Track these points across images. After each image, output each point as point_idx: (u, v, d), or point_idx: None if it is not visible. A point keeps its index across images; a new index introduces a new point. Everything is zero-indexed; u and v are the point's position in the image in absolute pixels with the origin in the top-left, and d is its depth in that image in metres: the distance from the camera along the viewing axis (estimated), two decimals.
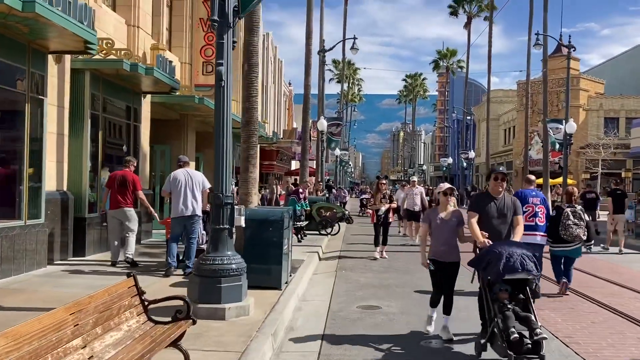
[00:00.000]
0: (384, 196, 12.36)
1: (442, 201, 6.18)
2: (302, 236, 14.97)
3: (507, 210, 5.82)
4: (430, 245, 6.18)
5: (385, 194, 12.48)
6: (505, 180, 5.89)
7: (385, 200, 12.25)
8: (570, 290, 8.60)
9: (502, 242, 5.51)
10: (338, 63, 71.89)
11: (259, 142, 28.28)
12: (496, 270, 5.12)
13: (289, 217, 8.49)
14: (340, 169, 52.93)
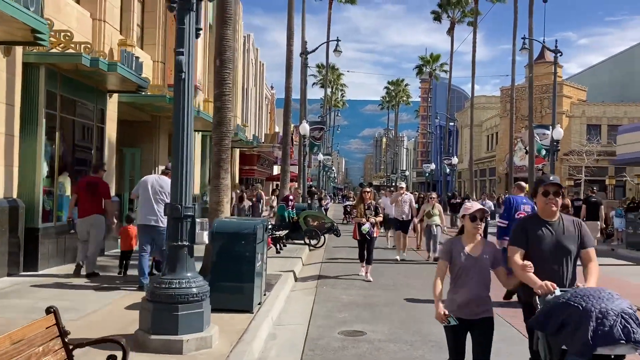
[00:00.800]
0: (369, 207, 10.39)
1: (468, 229, 4.08)
2: (281, 247, 14.03)
3: (570, 241, 3.93)
4: (450, 292, 4.13)
5: (370, 204, 10.45)
6: (560, 195, 3.98)
7: (370, 213, 10.33)
8: None
9: (582, 291, 3.49)
10: (322, 67, 71.29)
11: (238, 146, 27.38)
12: (582, 338, 3.22)
13: (264, 229, 7.57)
14: (323, 174, 52.07)
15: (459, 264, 4.01)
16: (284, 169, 18.38)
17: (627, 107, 46.95)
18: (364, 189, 11.03)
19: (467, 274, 3.99)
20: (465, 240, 4.09)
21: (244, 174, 30.37)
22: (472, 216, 4.04)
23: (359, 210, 10.44)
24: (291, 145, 32.00)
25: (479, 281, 3.98)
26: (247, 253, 6.99)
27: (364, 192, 10.79)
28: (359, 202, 10.70)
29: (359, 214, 10.41)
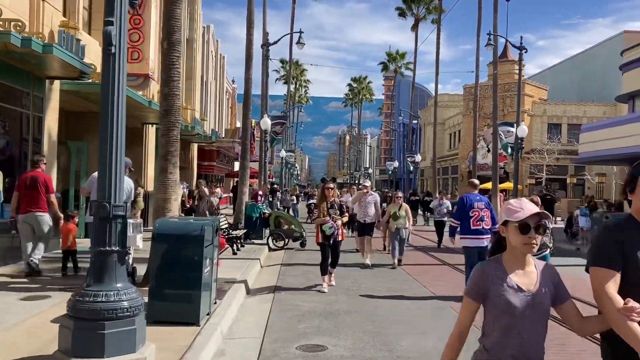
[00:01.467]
0: (332, 205, 9.06)
1: (516, 246, 2.47)
2: (239, 248, 13.17)
3: None
4: (484, 343, 2.49)
5: (333, 202, 9.13)
6: None
7: (334, 212, 9.03)
8: None
9: None
10: (285, 63, 70.38)
11: (197, 141, 26.23)
12: None
13: (214, 230, 6.73)
14: (285, 171, 51.18)
15: (503, 304, 2.38)
16: (243, 165, 17.48)
17: (586, 107, 47.67)
18: (326, 185, 9.39)
19: (517, 320, 2.38)
20: (509, 265, 2.47)
21: (202, 169, 29.28)
22: (522, 225, 2.41)
23: (321, 209, 9.01)
24: (252, 140, 31.06)
25: (536, 331, 2.42)
26: (194, 258, 6.15)
27: (326, 188, 9.27)
28: (321, 200, 9.20)
29: (322, 213, 9.00)
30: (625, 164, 26.72)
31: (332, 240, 8.99)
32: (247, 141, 17.70)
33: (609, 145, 23.57)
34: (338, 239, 9.09)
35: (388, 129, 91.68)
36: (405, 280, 10.27)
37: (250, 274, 9.92)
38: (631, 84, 25.28)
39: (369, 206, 12.17)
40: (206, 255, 6.31)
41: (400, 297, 8.59)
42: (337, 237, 9.04)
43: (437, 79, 42.29)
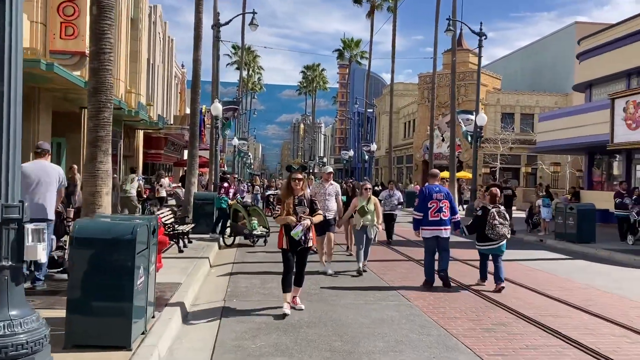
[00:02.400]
0: (300, 202, 6.94)
1: None
2: (185, 244, 11.94)
3: None
4: None
5: (302, 198, 6.99)
6: None
7: (303, 210, 6.91)
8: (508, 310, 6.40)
9: None
10: (237, 49, 68.38)
11: (142, 128, 24.57)
12: None
13: (150, 231, 5.56)
14: (238, 159, 49.69)
15: None
16: (192, 153, 16.15)
17: (538, 97, 48.11)
18: (293, 175, 7.00)
19: None
20: None
21: (149, 158, 27.64)
22: None
23: (285, 206, 6.89)
24: (202, 127, 29.55)
25: None
26: (124, 267, 4.99)
27: (293, 179, 6.96)
28: (286, 194, 7.01)
29: (286, 211, 6.85)
30: (582, 153, 26.74)
31: (300, 247, 6.86)
32: (196, 127, 16.37)
33: (566, 134, 23.40)
34: (308, 245, 6.95)
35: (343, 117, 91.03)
36: (371, 280, 9.33)
37: (198, 276, 8.75)
38: (588, 73, 25.18)
39: (330, 199, 10.29)
40: (139, 264, 5.16)
41: (368, 302, 7.64)
42: (307, 242, 6.90)
43: (393, 66, 41.68)
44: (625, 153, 21.58)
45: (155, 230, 5.88)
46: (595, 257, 13.46)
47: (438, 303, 7.67)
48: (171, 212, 12.73)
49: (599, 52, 24.15)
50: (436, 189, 8.90)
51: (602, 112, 20.59)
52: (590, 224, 15.36)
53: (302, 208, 6.91)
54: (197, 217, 15.15)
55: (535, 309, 7.37)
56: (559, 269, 11.21)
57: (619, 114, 18.65)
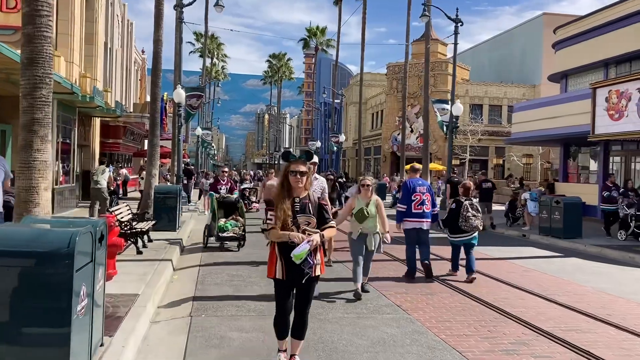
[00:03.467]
0: (303, 208, 4.51)
1: None
2: (145, 244, 10.63)
3: None
4: None
5: (305, 201, 4.54)
6: None
7: (307, 219, 4.50)
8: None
9: None
10: (200, 36, 66.22)
11: (99, 115, 22.89)
12: None
13: (97, 239, 4.33)
14: (202, 150, 47.95)
15: None
16: (153, 142, 14.73)
17: (507, 88, 47.94)
18: (293, 166, 4.53)
19: None
20: None
21: (106, 148, 25.90)
22: None
23: (281, 214, 4.44)
24: (164, 116, 27.95)
25: None
26: (57, 289, 3.75)
27: (293, 173, 4.50)
28: (282, 196, 4.52)
29: (282, 221, 4.44)
30: (557, 144, 26.28)
31: (304, 277, 4.41)
32: (157, 114, 14.95)
33: (541, 125, 22.79)
34: (315, 274, 4.49)
35: (309, 108, 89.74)
36: None
37: (159, 285, 7.50)
38: (564, 63, 24.64)
39: None
40: (80, 283, 3.93)
41: (361, 315, 6.56)
42: (315, 270, 4.46)
43: (362, 55, 40.69)
44: (602, 144, 21.08)
45: (103, 236, 4.64)
46: (585, 253, 12.73)
47: (439, 314, 6.65)
48: (128, 207, 11.35)
49: (575, 41, 23.61)
50: (419, 182, 9.08)
51: (580, 102, 19.98)
52: (577, 219, 14.66)
53: (306, 217, 4.45)
54: (158, 212, 13.80)
55: (552, 322, 6.42)
56: (556, 269, 10.36)
57: (601, 104, 18.02)
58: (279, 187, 4.58)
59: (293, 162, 4.52)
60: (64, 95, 16.80)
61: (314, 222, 4.49)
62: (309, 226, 4.47)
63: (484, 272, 9.50)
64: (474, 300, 7.45)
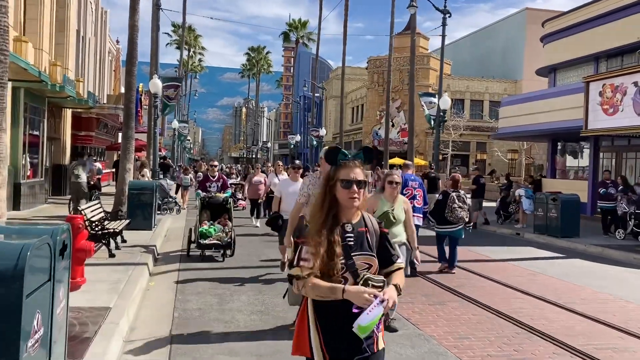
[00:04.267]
0: (360, 242, 2.62)
1: None
2: (119, 244, 9.69)
3: None
4: None
5: (361, 233, 2.65)
6: None
7: (368, 261, 2.61)
8: None
9: None
10: (177, 27, 64.62)
11: (70, 106, 21.68)
12: None
13: (58, 251, 3.45)
14: (178, 143, 46.67)
15: None
16: (127, 134, 13.71)
17: (488, 83, 47.63)
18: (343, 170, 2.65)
19: None
20: None
21: (78, 141, 24.67)
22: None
23: (324, 252, 2.53)
24: (139, 108, 26.78)
25: None
26: (1, 319, 2.88)
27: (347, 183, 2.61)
28: (321, 221, 2.61)
29: (327, 266, 2.53)
30: (545, 140, 25.84)
31: (360, 354, 2.56)
32: (132, 104, 13.93)
33: (530, 120, 22.30)
34: (377, 349, 2.62)
35: (288, 102, 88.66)
36: None
37: (134, 294, 6.60)
38: (553, 57, 24.17)
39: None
40: (33, 310, 3.05)
41: None
42: (376, 344, 2.61)
43: (344, 48, 39.87)
44: (592, 140, 20.65)
45: (66, 246, 3.75)
46: (587, 254, 12.15)
47: (454, 329, 5.90)
48: (99, 205, 10.37)
49: (565, 34, 23.14)
50: (411, 177, 9.13)
51: (571, 97, 19.51)
52: (574, 217, 14.10)
53: (366, 256, 2.62)
54: (133, 209, 12.83)
55: (582, 338, 5.71)
56: (562, 272, 9.72)
57: (594, 98, 17.52)
58: (318, 207, 2.66)
59: (344, 166, 2.65)
60: (31, 84, 15.67)
61: (376, 265, 2.64)
62: (370, 271, 2.58)
63: (490, 276, 8.82)
64: (489, 311, 6.72)
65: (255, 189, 14.87)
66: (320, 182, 2.79)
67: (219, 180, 10.86)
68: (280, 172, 13.18)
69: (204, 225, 9.88)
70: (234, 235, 9.88)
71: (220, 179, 10.94)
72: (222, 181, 10.93)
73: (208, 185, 10.71)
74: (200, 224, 9.87)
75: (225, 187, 10.90)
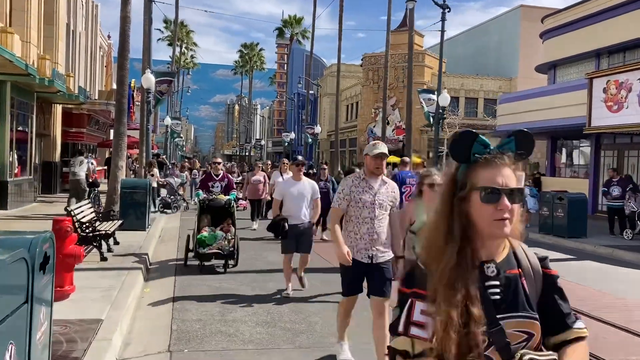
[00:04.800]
0: (515, 295, 1.55)
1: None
2: (111, 246, 9.19)
3: None
4: None
5: (513, 277, 1.58)
6: None
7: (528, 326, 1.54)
8: None
9: None
10: (169, 23, 63.86)
11: (61, 102, 21.03)
12: None
13: (37, 266, 2.95)
14: (171, 141, 46.00)
15: None
16: (119, 131, 13.15)
17: (483, 80, 47.33)
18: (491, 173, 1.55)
19: None
20: None
21: (69, 137, 24.05)
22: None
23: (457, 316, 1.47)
24: (132, 104, 26.17)
25: None
26: None
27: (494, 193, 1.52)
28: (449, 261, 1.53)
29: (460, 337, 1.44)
30: (544, 138, 25.49)
31: None
32: (124, 99, 13.39)
33: (529, 117, 21.92)
34: None
35: (282, 99, 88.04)
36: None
37: (128, 303, 6.09)
38: (552, 53, 23.79)
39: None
40: (5, 342, 2.54)
41: None
42: None
43: (340, 43, 39.49)
44: (593, 138, 20.29)
45: (48, 258, 3.25)
46: (596, 255, 11.77)
47: None
48: (91, 204, 9.84)
49: (565, 30, 22.77)
50: (409, 174, 9.00)
51: (572, 93, 19.15)
52: (581, 217, 13.72)
53: (523, 319, 1.54)
54: (125, 209, 12.28)
55: (622, 354, 5.26)
56: (577, 275, 9.29)
57: (598, 95, 17.14)
58: (439, 237, 1.59)
59: (486, 164, 1.56)
60: (18, 77, 15.07)
61: (539, 332, 1.57)
62: (529, 344, 1.55)
63: None
64: None
65: (255, 189, 14.03)
66: (440, 190, 1.66)
67: (223, 180, 9.41)
68: (285, 170, 11.96)
69: (203, 231, 8.66)
70: (237, 243, 8.63)
71: (224, 178, 9.52)
72: (227, 181, 9.51)
73: (211, 185, 9.29)
74: (199, 230, 8.69)
75: (231, 188, 9.45)
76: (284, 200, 7.13)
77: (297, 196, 7.04)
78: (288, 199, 7.04)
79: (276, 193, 7.57)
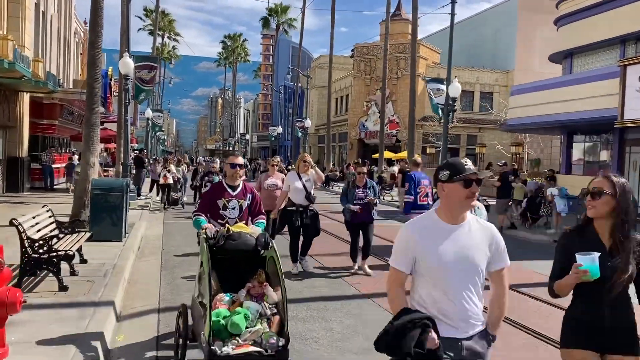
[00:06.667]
0: None
1: None
2: (75, 269, 7.09)
3: None
4: None
5: None
6: None
7: None
8: None
9: None
10: (150, 12, 61.16)
11: (29, 90, 18.55)
12: None
13: None
14: (152, 134, 43.57)
15: None
16: (90, 121, 10.99)
17: (479, 73, 45.69)
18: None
19: None
20: None
21: (39, 130, 21.74)
22: None
23: None
24: (109, 94, 23.88)
25: None
26: None
27: None
28: None
29: None
30: (558, 132, 23.80)
31: None
32: (96, 83, 11.19)
33: (544, 110, 20.18)
34: None
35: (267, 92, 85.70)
36: None
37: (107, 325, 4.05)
38: (569, 40, 22.04)
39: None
40: None
41: None
42: None
43: (332, 32, 37.62)
44: (617, 132, 18.58)
45: None
46: None
47: None
48: (49, 211, 7.70)
49: (584, 15, 21.03)
50: (422, 175, 9.21)
51: (593, 84, 17.44)
52: None
53: None
54: (97, 214, 10.18)
55: None
56: None
57: (633, 84, 15.40)
58: None
59: None
60: None
61: None
62: None
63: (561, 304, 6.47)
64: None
65: (270, 196, 9.32)
66: None
67: (245, 196, 5.19)
68: (305, 171, 8.59)
69: (219, 304, 4.14)
70: (287, 328, 3.98)
71: (248, 191, 5.24)
72: (253, 197, 5.25)
73: (223, 206, 5.09)
74: (212, 300, 3.95)
75: (259, 213, 5.23)
76: None
77: None
78: None
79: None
